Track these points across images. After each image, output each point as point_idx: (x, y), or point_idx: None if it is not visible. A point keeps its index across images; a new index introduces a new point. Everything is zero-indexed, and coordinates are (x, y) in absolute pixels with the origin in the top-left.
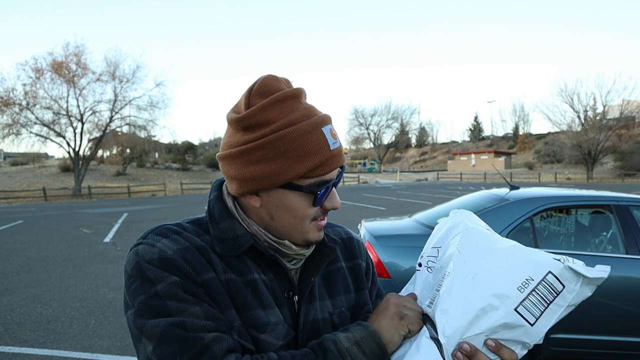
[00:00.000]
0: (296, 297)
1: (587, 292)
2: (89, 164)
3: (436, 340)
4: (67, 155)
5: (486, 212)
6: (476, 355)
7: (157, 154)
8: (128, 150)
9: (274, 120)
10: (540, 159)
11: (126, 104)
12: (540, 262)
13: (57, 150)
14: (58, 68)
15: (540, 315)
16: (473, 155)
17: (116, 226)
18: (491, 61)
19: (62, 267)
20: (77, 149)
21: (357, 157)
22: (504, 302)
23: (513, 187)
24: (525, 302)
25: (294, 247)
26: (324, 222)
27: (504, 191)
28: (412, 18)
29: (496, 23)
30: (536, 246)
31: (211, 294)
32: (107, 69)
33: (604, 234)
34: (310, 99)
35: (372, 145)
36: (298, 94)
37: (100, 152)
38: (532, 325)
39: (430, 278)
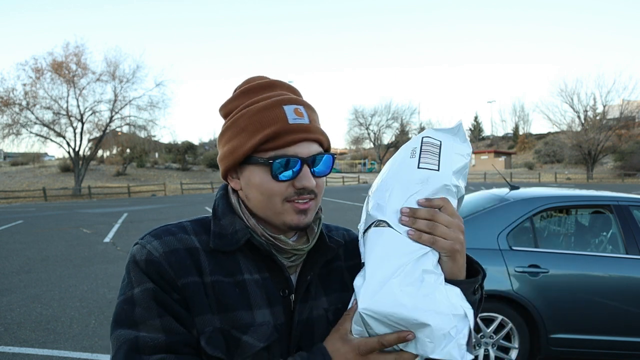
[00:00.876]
0: (292, 295)
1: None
2: (89, 164)
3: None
4: (67, 155)
5: (486, 212)
6: (416, 212)
7: (157, 154)
8: (128, 150)
9: (242, 103)
10: (540, 159)
11: (126, 104)
12: (415, 139)
13: (57, 150)
14: (58, 68)
15: (438, 162)
16: (473, 155)
17: (116, 226)
18: (491, 61)
19: (62, 267)
20: (77, 149)
21: (357, 157)
22: (410, 172)
23: (513, 187)
24: (420, 161)
25: (289, 242)
26: (303, 205)
27: (504, 191)
28: (412, 18)
29: (496, 23)
30: (536, 246)
31: (188, 298)
32: (107, 69)
33: (604, 234)
34: (311, 99)
35: (372, 145)
36: (274, 84)
37: (100, 152)
38: (438, 170)
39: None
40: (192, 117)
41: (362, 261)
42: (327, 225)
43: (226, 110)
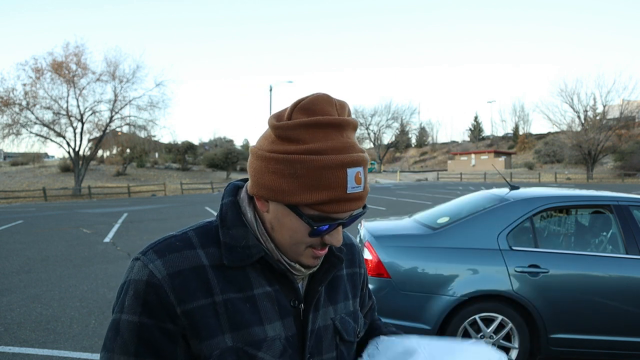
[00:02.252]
0: (302, 305)
1: None
2: (89, 164)
3: None
4: (67, 155)
5: (486, 212)
6: None
7: (157, 154)
8: (128, 150)
9: (305, 141)
10: (540, 159)
11: (126, 104)
12: None
13: (57, 150)
14: (58, 68)
15: None
16: (473, 155)
17: (116, 226)
18: (491, 61)
19: (62, 267)
20: (77, 149)
21: None
22: None
23: (513, 187)
24: None
25: (303, 270)
26: (321, 253)
27: (504, 191)
28: (412, 18)
29: (496, 23)
30: (536, 246)
31: (192, 324)
32: (107, 69)
33: (604, 234)
34: None
35: (372, 145)
36: (343, 125)
37: (100, 152)
38: None
39: None
40: (192, 117)
41: None
42: None
43: (282, 134)
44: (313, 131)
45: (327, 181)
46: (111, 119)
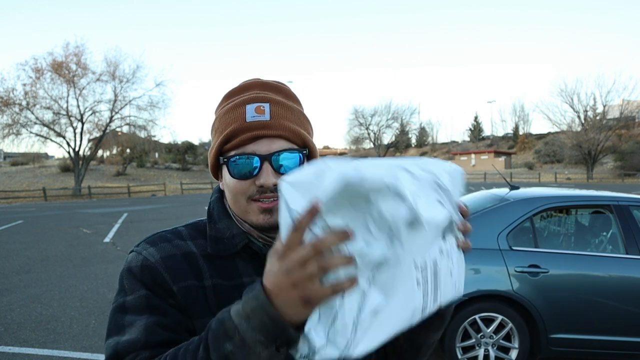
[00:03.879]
0: None
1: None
2: (89, 164)
3: None
4: (67, 155)
5: (486, 212)
6: None
7: (157, 154)
8: (128, 150)
9: (220, 106)
10: (540, 159)
11: (126, 104)
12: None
13: (57, 150)
14: (58, 68)
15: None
16: (473, 155)
17: (116, 226)
18: (491, 61)
19: (62, 267)
20: (77, 149)
21: (357, 157)
22: None
23: (513, 187)
24: None
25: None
26: (266, 205)
27: (504, 191)
28: (412, 18)
29: (496, 23)
30: (536, 246)
31: (186, 301)
32: (107, 69)
33: (604, 234)
34: (310, 99)
35: (372, 145)
36: (252, 84)
37: (100, 152)
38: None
39: None
40: (192, 117)
41: None
42: None
43: (215, 116)
44: (228, 97)
45: (229, 119)
46: (111, 119)
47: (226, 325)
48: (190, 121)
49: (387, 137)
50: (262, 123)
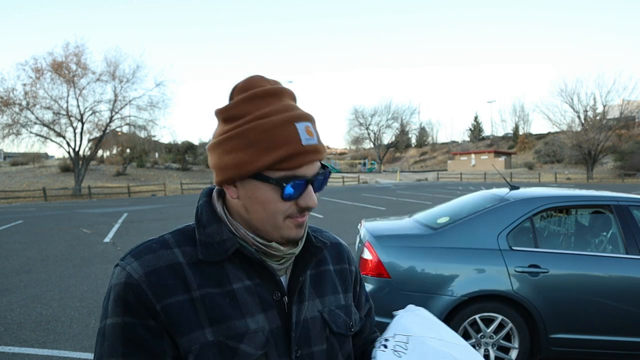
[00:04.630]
0: (285, 297)
1: None
2: (89, 164)
3: None
4: (67, 155)
5: (486, 212)
6: None
7: (157, 154)
8: (128, 150)
9: (249, 112)
10: (540, 159)
11: (126, 104)
12: None
13: (57, 150)
14: (58, 68)
15: None
16: (473, 155)
17: (116, 226)
18: (491, 61)
19: (62, 267)
20: (77, 149)
21: (357, 157)
22: None
23: (513, 187)
24: None
25: (281, 248)
26: (302, 220)
27: (504, 191)
28: (412, 18)
29: (496, 23)
30: (536, 246)
31: (171, 319)
32: (107, 69)
33: (604, 234)
34: (311, 99)
35: (372, 145)
36: (279, 92)
37: (100, 152)
38: None
39: None
40: (192, 117)
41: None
42: (310, 226)
43: (227, 115)
44: (254, 102)
45: (281, 138)
46: (111, 119)
47: None
48: (190, 121)
49: (387, 137)
50: (315, 147)
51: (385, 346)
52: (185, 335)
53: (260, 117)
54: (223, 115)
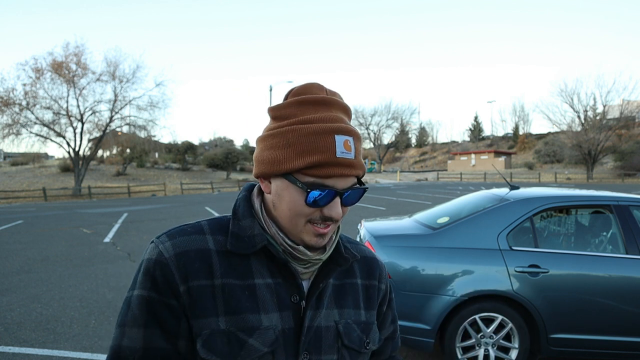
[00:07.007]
0: (303, 302)
1: None
2: (89, 164)
3: None
4: (67, 155)
5: (486, 212)
6: None
7: (157, 154)
8: (128, 150)
9: (295, 115)
10: (540, 159)
11: (126, 104)
12: None
13: (57, 150)
14: (58, 68)
15: None
16: (473, 155)
17: (116, 226)
18: (491, 61)
19: (62, 267)
20: (77, 149)
21: None
22: None
23: (513, 187)
24: None
25: (308, 252)
26: (322, 230)
27: (504, 191)
28: (412, 19)
29: (496, 24)
30: (536, 246)
31: (191, 301)
32: (107, 69)
33: (604, 234)
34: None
35: (372, 145)
36: (330, 102)
37: (100, 152)
38: None
39: None
40: (192, 117)
41: None
42: (346, 237)
43: (277, 114)
44: (303, 107)
45: (317, 145)
46: (111, 119)
47: None
48: (190, 121)
49: (387, 137)
50: (349, 162)
51: None
52: (199, 319)
53: (304, 122)
54: (273, 113)
